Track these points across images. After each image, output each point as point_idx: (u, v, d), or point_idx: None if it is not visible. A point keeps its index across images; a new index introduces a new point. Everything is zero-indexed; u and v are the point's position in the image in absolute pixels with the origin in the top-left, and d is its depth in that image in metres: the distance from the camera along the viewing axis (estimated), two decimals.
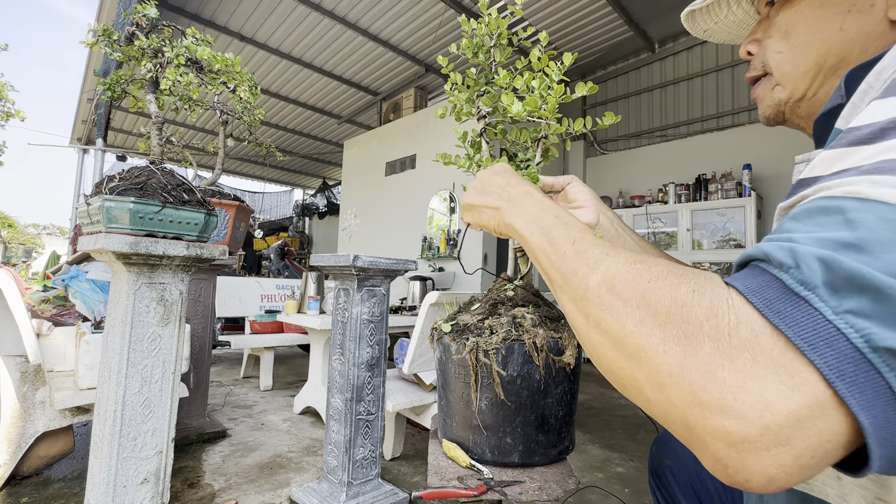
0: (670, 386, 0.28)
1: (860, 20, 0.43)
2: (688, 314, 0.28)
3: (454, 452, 0.86)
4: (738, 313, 0.26)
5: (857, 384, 0.23)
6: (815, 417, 0.24)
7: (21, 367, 1.72)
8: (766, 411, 0.24)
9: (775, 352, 0.25)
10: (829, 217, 0.26)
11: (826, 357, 0.24)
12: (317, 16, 4.49)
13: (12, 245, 16.80)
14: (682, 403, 0.27)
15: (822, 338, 0.24)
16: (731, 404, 0.25)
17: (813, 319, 0.24)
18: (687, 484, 0.80)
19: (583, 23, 4.49)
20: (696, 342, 0.27)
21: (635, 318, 0.30)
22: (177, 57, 1.29)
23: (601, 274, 0.34)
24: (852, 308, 0.23)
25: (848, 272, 0.24)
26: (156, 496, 1.19)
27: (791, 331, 0.24)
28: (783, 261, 0.26)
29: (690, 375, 0.27)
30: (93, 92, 5.16)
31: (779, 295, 0.25)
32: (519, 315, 0.83)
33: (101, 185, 1.11)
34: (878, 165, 0.26)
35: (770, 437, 0.24)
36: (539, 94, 0.78)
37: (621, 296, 0.32)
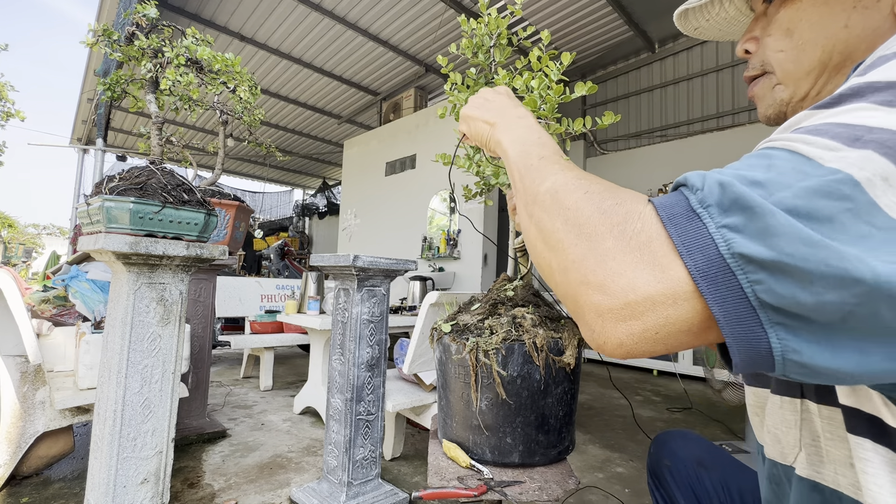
0: (571, 270, 0.34)
1: (866, 16, 0.42)
2: (605, 220, 0.33)
3: (454, 452, 0.86)
4: (644, 222, 0.31)
5: (715, 283, 0.28)
6: (667, 304, 0.29)
7: (21, 367, 1.72)
8: (631, 292, 0.30)
9: (659, 253, 0.30)
10: (760, 160, 0.30)
11: (696, 259, 0.28)
12: (317, 16, 4.49)
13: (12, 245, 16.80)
14: (575, 282, 0.34)
15: (699, 245, 0.29)
16: (608, 285, 0.31)
17: (698, 231, 0.29)
18: (685, 484, 0.80)
19: (583, 23, 4.49)
20: (601, 240, 0.33)
21: (563, 217, 0.36)
22: (177, 57, 1.29)
23: (551, 182, 0.40)
24: (729, 223, 0.28)
25: (735, 194, 0.28)
26: (156, 496, 1.19)
27: (678, 238, 0.29)
28: (694, 183, 0.30)
29: (587, 262, 0.33)
30: (93, 92, 5.16)
31: (682, 211, 0.30)
32: (519, 315, 0.83)
33: (101, 185, 1.11)
34: (818, 127, 0.29)
35: (627, 311, 0.30)
36: (538, 94, 0.78)
37: (559, 201, 0.38)
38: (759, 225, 0.27)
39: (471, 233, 4.50)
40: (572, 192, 0.37)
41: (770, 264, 0.26)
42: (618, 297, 0.31)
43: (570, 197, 0.37)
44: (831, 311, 0.25)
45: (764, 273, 0.26)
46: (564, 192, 0.38)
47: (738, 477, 0.74)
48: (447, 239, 4.63)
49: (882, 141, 0.26)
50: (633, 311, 0.30)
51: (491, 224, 4.51)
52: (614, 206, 0.34)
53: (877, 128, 0.27)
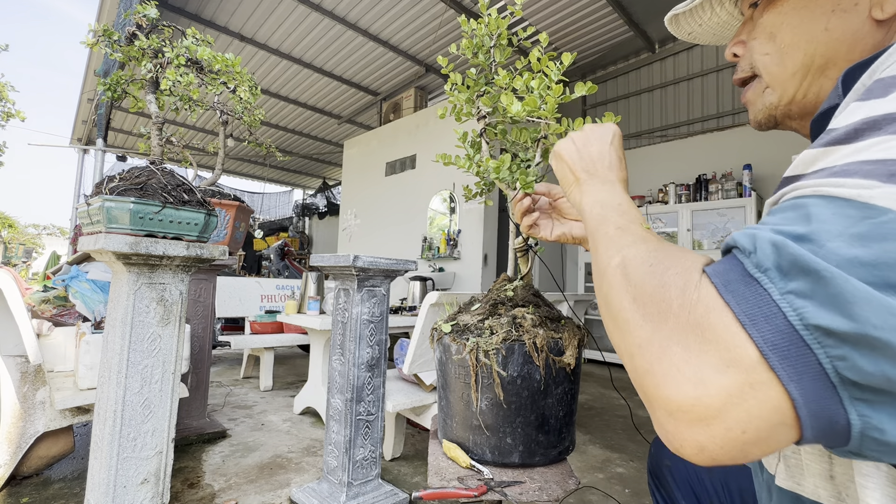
0: (637, 356, 0.31)
1: (845, 20, 0.43)
2: (664, 294, 0.31)
3: (454, 453, 0.86)
4: (700, 293, 0.29)
5: (789, 357, 0.25)
6: (745, 394, 0.26)
7: (21, 368, 1.72)
8: (700, 385, 0.27)
9: (720, 327, 0.27)
10: (795, 212, 0.28)
11: (763, 331, 0.26)
12: (317, 16, 4.50)
13: (12, 245, 16.80)
14: (642, 371, 0.31)
15: (764, 314, 0.26)
16: (674, 376, 0.28)
17: (760, 298, 0.26)
18: (686, 484, 0.80)
19: (583, 23, 4.49)
20: (663, 319, 0.30)
21: (630, 295, 0.34)
22: (177, 57, 1.29)
23: (621, 257, 0.38)
24: (794, 289, 0.25)
25: (793, 256, 0.26)
26: (156, 496, 1.19)
27: (738, 307, 0.27)
28: (745, 246, 0.28)
29: (651, 347, 0.30)
30: (93, 92, 5.16)
31: (737, 277, 0.28)
32: (519, 315, 0.83)
33: (102, 186, 1.11)
34: (845, 167, 0.28)
35: (702, 409, 0.27)
36: (538, 94, 0.78)
37: (627, 277, 0.36)
38: (831, 291, 0.24)
39: (471, 233, 4.50)
40: (639, 266, 0.35)
41: (854, 338, 0.24)
42: (687, 391, 0.27)
43: (636, 272, 0.35)
44: None
45: (847, 348, 0.24)
46: (632, 267, 0.36)
47: (739, 477, 0.74)
48: (447, 239, 4.63)
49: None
50: (707, 410, 0.27)
51: (491, 224, 4.51)
52: (674, 276, 0.32)
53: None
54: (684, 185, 4.57)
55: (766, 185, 4.30)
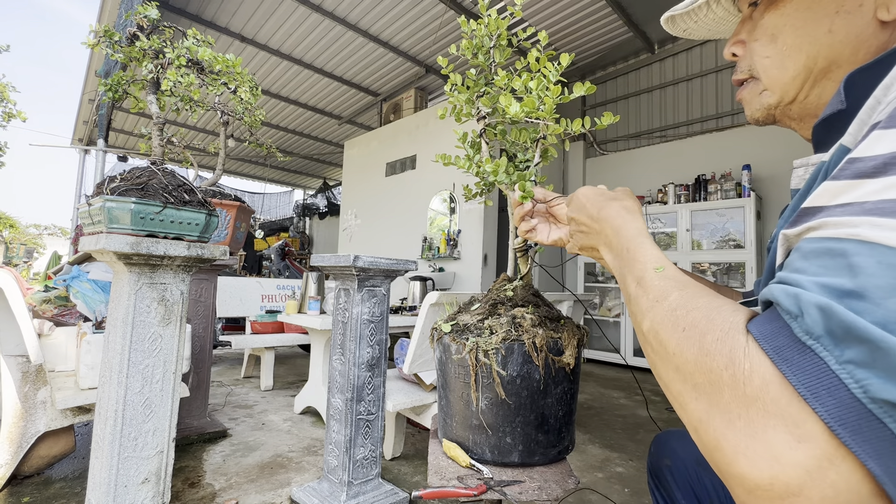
0: (700, 431, 0.30)
1: (849, 21, 0.42)
2: (711, 363, 0.30)
3: (454, 452, 0.86)
4: (752, 361, 0.28)
5: (861, 433, 0.24)
6: (824, 468, 0.24)
7: (22, 367, 1.72)
8: (775, 461, 0.25)
9: (783, 401, 0.26)
10: (834, 260, 0.27)
11: (828, 406, 0.24)
12: (317, 17, 4.50)
13: (14, 245, 16.81)
14: (710, 447, 0.30)
15: (825, 387, 0.24)
16: (744, 452, 0.27)
17: (817, 368, 0.25)
18: (686, 484, 0.80)
19: (582, 23, 4.49)
20: (717, 391, 0.29)
21: (673, 364, 0.33)
22: (178, 58, 1.30)
23: (649, 321, 0.38)
24: (853, 358, 0.24)
25: (845, 323, 0.24)
26: (157, 496, 1.19)
27: (796, 379, 0.25)
28: (790, 308, 0.27)
29: (713, 422, 0.29)
30: (94, 93, 5.17)
31: (788, 342, 0.27)
32: (519, 315, 0.84)
33: (103, 186, 1.11)
34: (879, 205, 0.26)
35: (781, 487, 0.25)
36: (537, 94, 0.78)
37: (663, 343, 0.35)
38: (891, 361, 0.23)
39: (471, 233, 4.50)
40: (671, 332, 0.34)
41: None
42: (761, 469, 0.26)
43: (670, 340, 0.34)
44: None
45: None
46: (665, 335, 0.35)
47: None
48: (447, 239, 4.64)
49: None
50: (788, 487, 0.25)
51: (491, 224, 4.52)
52: (716, 342, 0.30)
53: None
54: (683, 185, 4.57)
55: (766, 185, 4.30)
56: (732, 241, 4.12)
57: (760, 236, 4.10)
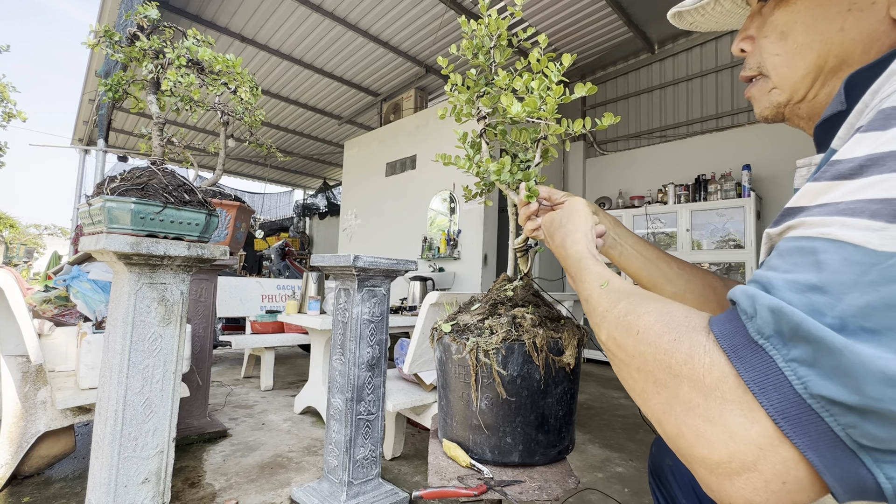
0: (664, 422, 0.33)
1: (861, 19, 0.41)
2: (670, 360, 0.32)
3: (454, 452, 0.86)
4: (711, 357, 0.30)
5: (801, 425, 0.26)
6: (776, 446, 0.27)
7: (22, 367, 1.72)
8: (731, 440, 0.28)
9: (739, 391, 0.28)
10: (804, 257, 0.28)
11: (773, 400, 0.27)
12: (317, 17, 4.50)
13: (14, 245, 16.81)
14: (673, 436, 0.32)
15: (772, 383, 0.27)
16: (704, 436, 0.29)
17: (766, 366, 0.27)
18: (687, 484, 0.80)
19: (582, 24, 4.49)
20: (677, 384, 0.31)
21: (634, 366, 0.36)
22: (178, 58, 1.30)
23: (605, 331, 0.41)
24: (797, 357, 0.26)
25: (792, 323, 0.26)
26: (157, 496, 1.19)
27: (747, 375, 0.28)
28: (746, 309, 0.29)
29: (675, 412, 0.31)
30: (94, 93, 5.17)
31: (743, 341, 0.29)
32: (519, 315, 0.84)
33: (103, 186, 1.11)
34: (852, 205, 0.28)
35: (738, 463, 0.28)
36: (538, 94, 0.78)
37: (622, 347, 0.38)
38: (832, 362, 0.25)
39: (471, 233, 4.50)
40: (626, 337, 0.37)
41: (860, 409, 0.24)
42: (719, 448, 0.28)
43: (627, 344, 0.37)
44: None
45: (854, 417, 0.24)
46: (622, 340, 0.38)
47: None
48: (447, 239, 4.64)
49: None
50: (743, 462, 0.28)
51: (491, 224, 4.52)
52: (673, 343, 0.33)
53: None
54: (683, 185, 4.57)
55: (766, 185, 4.30)
56: (732, 241, 4.12)
57: (760, 236, 4.09)
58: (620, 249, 0.77)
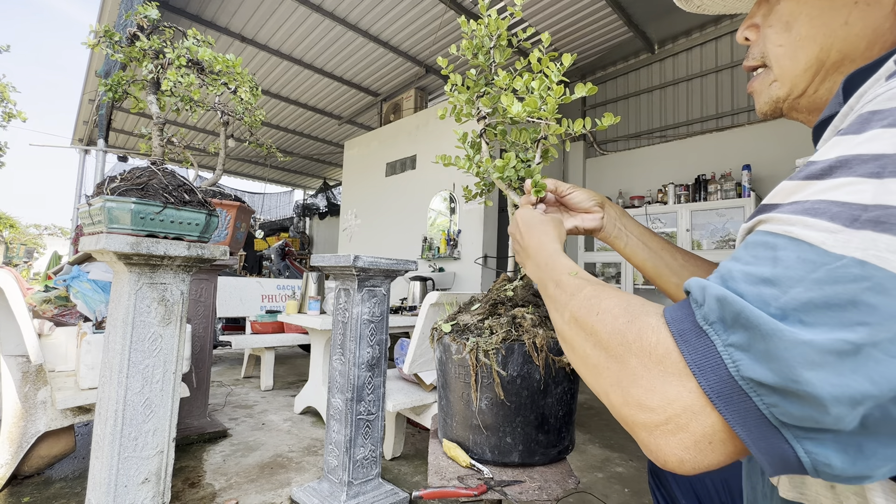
0: (611, 393, 0.36)
1: (867, 13, 0.41)
2: (621, 339, 0.35)
3: (454, 452, 0.86)
4: (659, 337, 0.33)
5: (732, 403, 0.29)
6: (707, 412, 0.30)
7: (22, 367, 1.72)
8: (668, 406, 0.31)
9: (679, 367, 0.31)
10: (765, 251, 0.30)
11: (709, 380, 0.29)
12: (317, 17, 4.50)
13: (14, 245, 16.81)
14: (620, 404, 0.35)
15: (710, 365, 0.30)
16: (646, 402, 0.33)
17: (706, 349, 0.30)
18: (686, 484, 0.80)
19: (582, 24, 4.49)
20: (626, 358, 0.34)
21: (590, 343, 0.39)
22: (178, 58, 1.30)
23: (569, 313, 0.44)
24: (735, 342, 0.28)
25: (735, 310, 0.29)
26: (157, 496, 1.19)
27: (689, 356, 0.31)
28: (696, 297, 0.32)
29: (621, 383, 0.35)
30: (94, 93, 5.17)
31: (690, 326, 0.31)
32: (519, 315, 0.84)
33: (103, 186, 1.11)
34: (815, 205, 0.29)
35: (672, 424, 0.31)
36: (539, 94, 0.78)
37: (581, 327, 0.41)
38: (763, 347, 0.27)
39: (471, 233, 4.50)
40: (588, 316, 0.41)
41: (781, 389, 0.27)
42: (657, 412, 0.32)
43: (587, 321, 0.40)
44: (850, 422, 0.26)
45: (776, 397, 0.27)
46: (582, 319, 0.41)
47: (739, 477, 0.75)
48: (447, 239, 4.64)
49: (877, 219, 0.27)
50: (677, 424, 0.31)
51: (491, 224, 4.52)
52: (627, 324, 0.36)
53: (871, 205, 0.27)
54: (683, 185, 4.57)
55: (765, 185, 4.30)
56: (732, 242, 4.12)
57: None
58: (626, 240, 0.78)
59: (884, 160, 0.28)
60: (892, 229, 0.26)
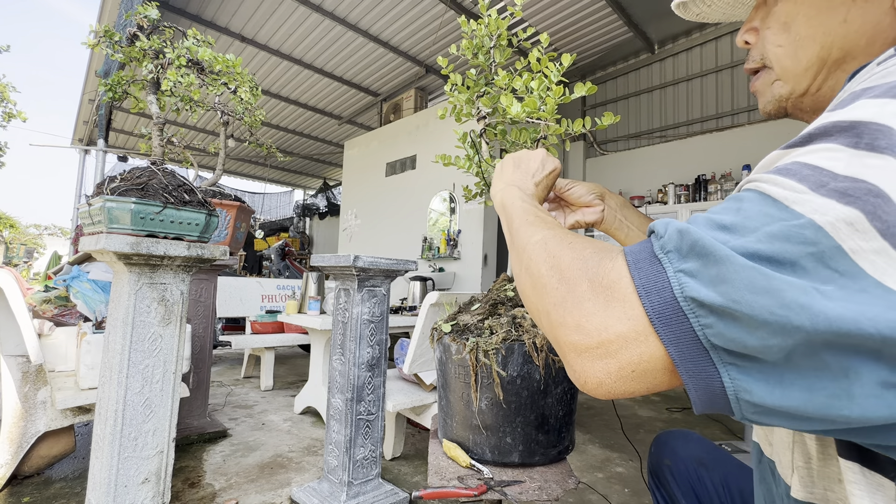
0: (552, 312, 0.37)
1: (865, 10, 0.41)
2: (581, 265, 0.36)
3: (454, 452, 0.86)
4: (615, 265, 0.34)
5: (669, 324, 0.30)
6: (638, 340, 0.31)
7: (22, 367, 1.72)
8: (604, 331, 0.32)
9: (626, 292, 0.32)
10: (732, 203, 0.32)
11: (653, 301, 0.30)
12: (317, 17, 4.50)
13: (14, 245, 16.81)
14: (556, 324, 0.36)
15: (656, 287, 0.31)
16: (583, 325, 0.33)
17: (658, 275, 0.31)
18: (686, 484, 0.80)
19: (582, 24, 4.49)
20: (577, 283, 0.35)
21: (549, 263, 0.39)
22: (178, 58, 1.30)
23: (541, 235, 0.44)
24: (685, 268, 0.29)
25: (692, 240, 0.29)
26: (157, 496, 1.19)
27: (638, 280, 0.32)
28: (658, 231, 0.33)
29: (566, 304, 0.35)
30: (94, 93, 5.17)
31: (646, 256, 0.32)
32: (519, 315, 0.84)
33: (103, 186, 1.11)
34: (788, 167, 0.30)
35: (602, 350, 0.32)
36: (538, 95, 0.78)
37: (547, 249, 0.41)
38: (714, 271, 0.28)
39: (471, 233, 4.50)
40: (558, 242, 0.41)
41: (719, 310, 0.27)
42: (592, 336, 0.33)
43: (556, 246, 0.41)
44: (776, 353, 0.26)
45: (713, 317, 0.28)
46: (552, 242, 0.42)
47: (739, 476, 0.75)
48: (447, 239, 4.64)
49: (844, 190, 0.27)
50: (607, 350, 0.32)
51: (491, 224, 4.52)
52: (592, 254, 0.37)
53: (841, 175, 0.27)
54: (683, 185, 4.57)
55: None
56: None
57: None
58: (626, 231, 0.78)
59: (860, 127, 0.28)
60: (854, 203, 0.26)
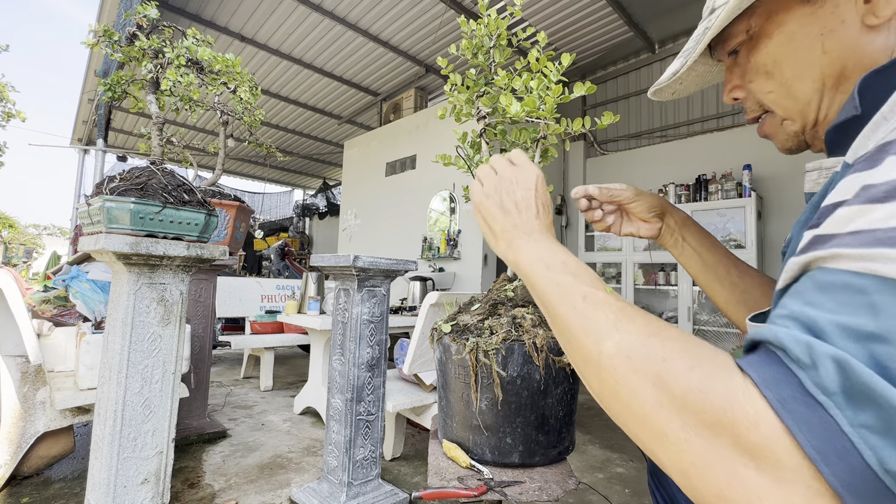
0: (695, 476, 0.28)
1: (838, 37, 0.42)
2: (703, 402, 0.27)
3: (454, 453, 0.86)
4: (755, 407, 0.26)
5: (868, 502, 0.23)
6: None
7: (21, 368, 1.72)
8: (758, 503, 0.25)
9: (795, 458, 0.24)
10: (853, 297, 0.25)
11: (838, 472, 0.23)
12: (317, 16, 4.50)
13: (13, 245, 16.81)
14: (709, 495, 0.27)
15: (835, 450, 0.23)
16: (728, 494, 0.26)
17: (827, 428, 0.24)
18: None
19: (582, 23, 4.49)
20: (716, 434, 0.27)
21: (653, 398, 0.30)
22: (177, 58, 1.30)
23: (615, 344, 0.34)
24: (867, 422, 0.23)
25: (863, 382, 0.23)
26: (156, 496, 1.19)
27: (804, 437, 0.24)
28: (800, 358, 0.25)
29: (715, 471, 0.27)
30: (93, 92, 5.16)
31: (795, 394, 0.25)
32: (519, 315, 0.83)
33: (102, 186, 1.11)
34: (890, 234, 0.25)
35: None
36: (537, 94, 0.78)
37: (637, 371, 0.31)
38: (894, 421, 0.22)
39: (471, 233, 4.50)
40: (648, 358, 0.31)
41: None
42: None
43: (648, 367, 0.31)
44: None
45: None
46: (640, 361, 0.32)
47: None
48: (447, 239, 4.63)
49: None
50: None
51: None
52: (706, 379, 0.28)
53: None
54: (684, 185, 4.56)
55: (766, 185, 4.30)
56: (733, 241, 4.12)
57: (761, 236, 4.09)
58: (680, 250, 0.77)
59: None
60: None
